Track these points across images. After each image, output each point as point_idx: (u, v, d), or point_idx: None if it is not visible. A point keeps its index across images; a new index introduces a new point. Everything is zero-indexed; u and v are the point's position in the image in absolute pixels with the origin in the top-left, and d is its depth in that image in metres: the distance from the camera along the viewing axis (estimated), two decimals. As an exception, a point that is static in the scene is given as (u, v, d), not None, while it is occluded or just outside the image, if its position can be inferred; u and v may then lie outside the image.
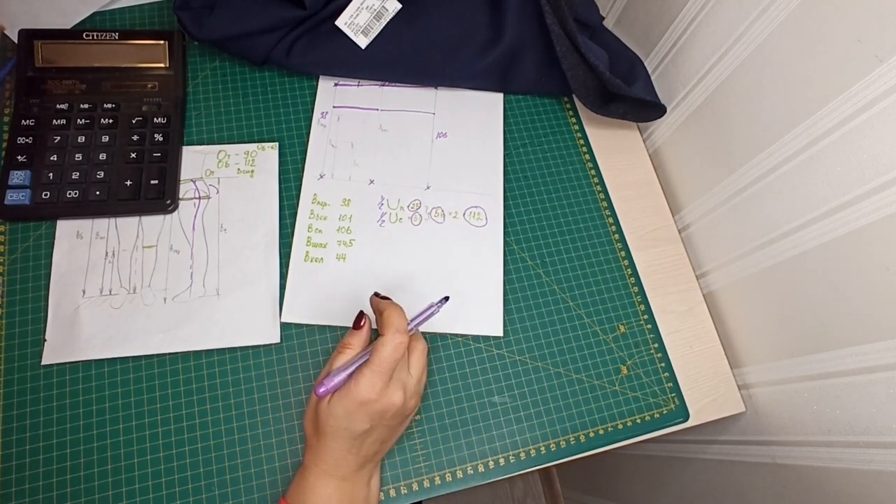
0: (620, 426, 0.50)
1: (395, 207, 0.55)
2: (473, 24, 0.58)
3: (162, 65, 0.54)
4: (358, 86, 0.59)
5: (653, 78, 0.60)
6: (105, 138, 0.51)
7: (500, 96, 0.61)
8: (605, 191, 0.59)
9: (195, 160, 0.53)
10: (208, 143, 0.54)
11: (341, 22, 0.55)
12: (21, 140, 0.50)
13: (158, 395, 0.46)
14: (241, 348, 0.48)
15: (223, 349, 0.48)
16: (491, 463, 0.48)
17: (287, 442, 0.46)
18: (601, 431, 0.50)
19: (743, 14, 0.46)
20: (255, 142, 0.55)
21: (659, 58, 0.59)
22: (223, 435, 0.45)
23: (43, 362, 0.45)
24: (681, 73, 0.55)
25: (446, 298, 0.44)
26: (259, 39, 0.54)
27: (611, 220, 0.58)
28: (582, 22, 0.58)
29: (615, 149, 0.62)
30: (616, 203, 0.59)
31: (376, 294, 0.44)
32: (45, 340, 0.46)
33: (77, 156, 0.50)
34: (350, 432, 0.39)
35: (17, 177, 0.49)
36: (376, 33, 0.56)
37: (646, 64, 0.60)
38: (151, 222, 0.51)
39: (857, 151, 0.39)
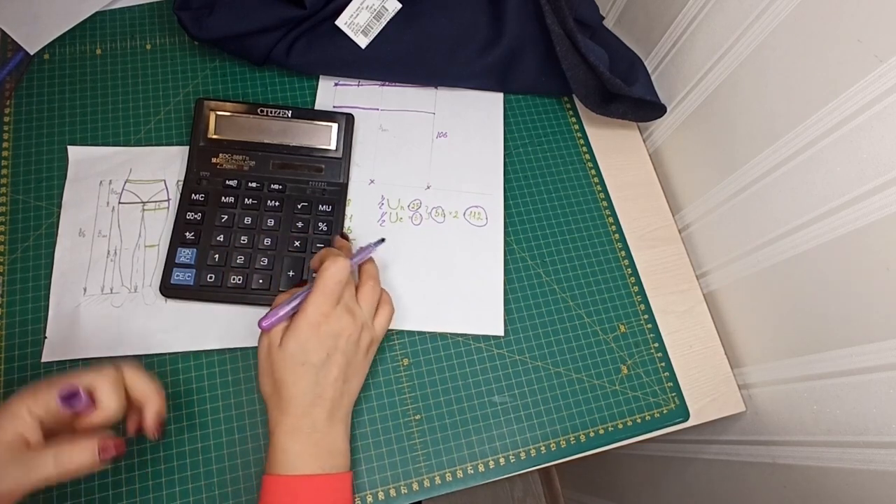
0: (620, 426, 0.50)
1: (396, 207, 0.55)
2: (473, 24, 0.58)
3: (329, 147, 0.53)
4: (358, 86, 0.59)
5: (653, 78, 0.60)
6: (270, 222, 0.50)
7: (500, 96, 0.61)
8: (605, 191, 0.59)
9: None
10: (209, 143, 0.54)
11: (341, 22, 0.55)
12: (190, 216, 0.49)
13: (159, 395, 0.46)
14: (241, 348, 0.48)
15: (223, 349, 0.48)
16: (491, 463, 0.48)
17: (287, 441, 0.46)
18: (601, 431, 0.50)
19: (743, 14, 0.46)
20: (255, 142, 0.55)
21: (659, 58, 0.59)
22: (223, 435, 0.45)
23: (43, 359, 0.45)
24: (681, 73, 0.55)
25: (382, 240, 0.47)
26: (259, 39, 0.54)
27: (611, 220, 0.58)
28: (582, 22, 0.58)
29: (615, 149, 0.62)
30: (616, 203, 0.59)
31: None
32: (45, 338, 0.46)
33: (243, 238, 0.49)
34: (309, 366, 0.39)
35: (185, 255, 0.48)
36: (376, 33, 0.56)
37: (646, 64, 0.60)
38: (154, 221, 0.51)
39: (857, 151, 0.39)
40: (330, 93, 0.58)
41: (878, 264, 0.39)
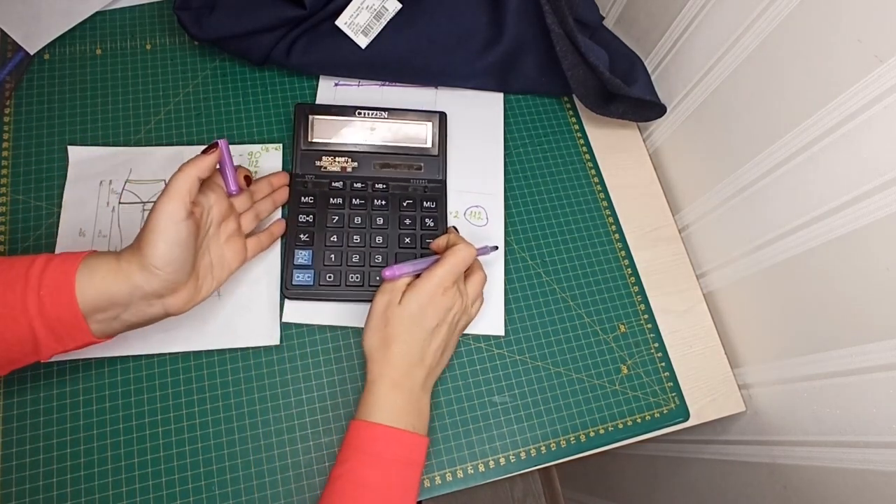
0: (621, 426, 0.50)
1: (396, 207, 0.55)
2: (473, 24, 0.58)
3: (426, 146, 0.55)
4: (358, 86, 0.59)
5: (653, 78, 0.60)
6: (380, 220, 0.52)
7: (500, 96, 0.61)
8: (605, 191, 0.59)
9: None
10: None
11: (341, 22, 0.55)
12: (302, 218, 0.51)
13: (158, 395, 0.46)
14: (242, 348, 0.48)
15: (223, 349, 0.48)
16: (491, 463, 0.48)
17: (287, 442, 0.46)
18: (601, 431, 0.50)
19: (743, 14, 0.46)
20: (255, 142, 0.55)
21: (659, 58, 0.59)
22: (223, 435, 0.45)
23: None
24: (681, 73, 0.56)
25: (496, 247, 0.50)
26: (259, 39, 0.54)
27: (611, 220, 0.58)
28: (582, 22, 0.58)
29: (615, 149, 0.62)
30: (616, 203, 0.59)
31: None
32: (45, 340, 0.46)
33: (355, 237, 0.51)
34: (422, 329, 0.42)
35: (302, 256, 0.50)
36: (376, 33, 0.56)
37: (646, 64, 0.60)
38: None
39: (857, 151, 0.39)
40: (330, 93, 0.58)
41: (878, 264, 0.39)
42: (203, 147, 0.54)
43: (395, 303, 0.42)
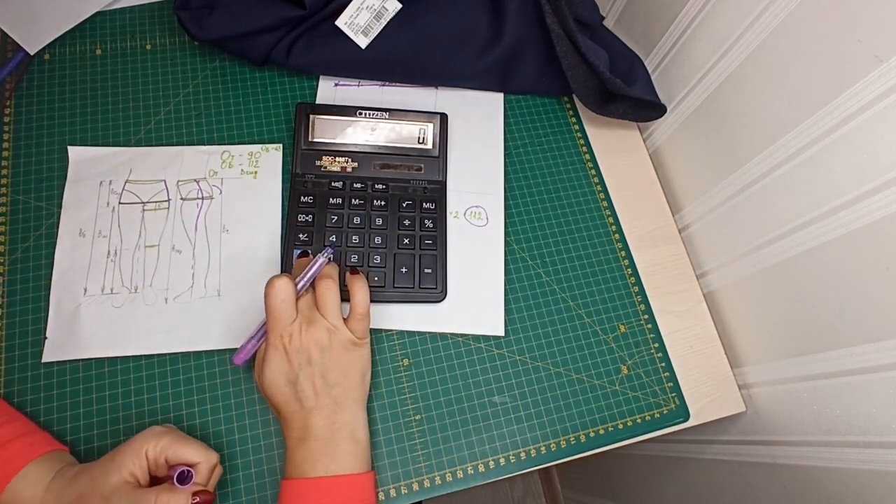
0: (621, 426, 0.50)
1: (396, 207, 0.55)
2: (473, 24, 0.58)
3: (427, 147, 0.55)
4: (358, 86, 0.59)
5: (653, 78, 0.60)
6: (379, 221, 0.52)
7: (500, 96, 0.61)
8: (605, 191, 0.59)
9: (199, 160, 0.53)
10: (209, 144, 0.54)
11: (341, 22, 0.55)
12: (302, 217, 0.51)
13: (158, 395, 0.46)
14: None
15: (223, 349, 0.48)
16: (491, 463, 0.48)
17: (287, 441, 0.46)
18: (601, 431, 0.50)
19: (743, 14, 0.46)
20: (255, 142, 0.55)
21: (659, 58, 0.59)
22: (223, 435, 0.45)
23: (44, 360, 0.45)
24: (681, 73, 0.56)
25: (329, 246, 0.47)
26: (259, 39, 0.54)
27: (611, 220, 0.58)
28: (582, 21, 0.58)
29: (615, 149, 0.62)
30: (616, 203, 0.59)
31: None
32: (45, 338, 0.46)
33: (354, 238, 0.51)
34: (288, 386, 0.41)
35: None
36: (376, 33, 0.56)
37: (646, 64, 0.60)
38: (154, 221, 0.51)
39: (857, 151, 0.39)
40: (330, 93, 0.58)
41: (878, 264, 0.39)
42: (204, 145, 0.54)
43: (260, 378, 0.42)
